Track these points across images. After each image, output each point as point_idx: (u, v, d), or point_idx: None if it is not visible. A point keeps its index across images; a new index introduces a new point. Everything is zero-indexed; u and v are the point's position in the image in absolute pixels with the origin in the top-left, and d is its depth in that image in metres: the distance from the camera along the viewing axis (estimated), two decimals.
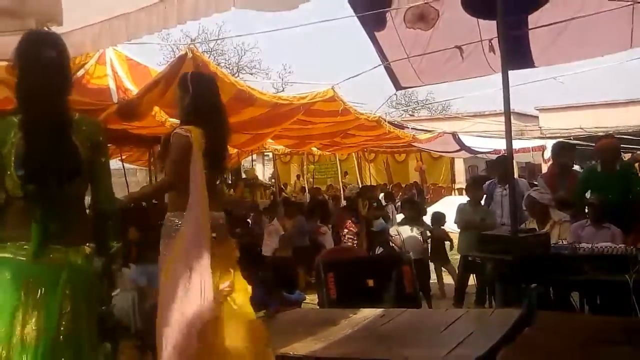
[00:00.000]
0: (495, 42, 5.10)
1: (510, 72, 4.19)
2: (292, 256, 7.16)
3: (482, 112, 20.50)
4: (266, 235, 7.92)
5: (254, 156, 17.07)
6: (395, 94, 8.58)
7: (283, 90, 20.95)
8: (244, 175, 20.20)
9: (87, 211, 2.37)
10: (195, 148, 2.77)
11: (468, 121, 18.06)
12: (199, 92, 2.97)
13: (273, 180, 17.85)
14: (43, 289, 2.08)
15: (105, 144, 2.41)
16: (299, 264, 6.89)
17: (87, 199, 2.39)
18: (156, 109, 6.12)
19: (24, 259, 2.09)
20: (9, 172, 2.13)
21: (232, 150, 10.44)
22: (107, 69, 5.60)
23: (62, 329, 2.08)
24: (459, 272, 6.10)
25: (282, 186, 17.60)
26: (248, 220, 9.89)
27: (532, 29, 5.29)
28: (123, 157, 11.79)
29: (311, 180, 17.79)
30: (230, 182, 19.16)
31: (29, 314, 2.05)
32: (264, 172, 21.94)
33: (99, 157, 2.31)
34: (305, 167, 17.59)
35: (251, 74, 27.41)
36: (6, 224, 2.16)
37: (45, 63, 2.20)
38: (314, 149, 12.86)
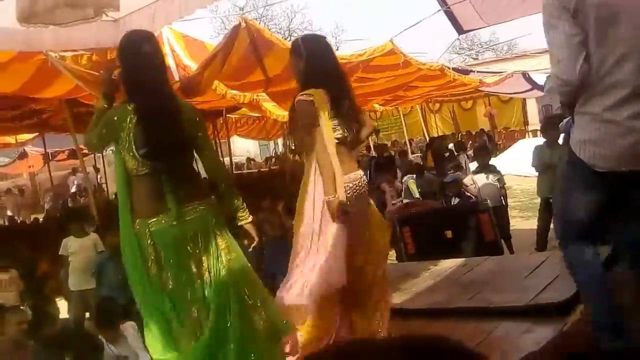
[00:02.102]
0: None
1: None
2: None
3: None
4: None
5: None
6: (457, 39, 8.34)
7: (338, 50, 20.72)
8: None
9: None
10: (320, 110, 2.74)
11: (537, 58, 17.27)
12: (312, 54, 2.90)
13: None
14: (201, 237, 2.55)
15: (202, 122, 2.74)
16: None
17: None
18: (216, 82, 6.29)
19: (172, 223, 2.51)
20: (131, 153, 2.51)
21: None
22: (166, 48, 5.79)
23: (225, 261, 2.55)
24: (541, 215, 5.99)
25: None
26: None
27: None
28: None
29: (375, 137, 17.72)
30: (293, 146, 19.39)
31: (198, 260, 2.54)
32: None
33: (197, 133, 2.65)
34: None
35: None
36: (140, 202, 2.56)
37: (147, 57, 2.57)
38: (376, 105, 12.77)
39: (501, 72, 14.10)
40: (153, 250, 2.53)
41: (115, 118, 2.56)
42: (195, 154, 2.67)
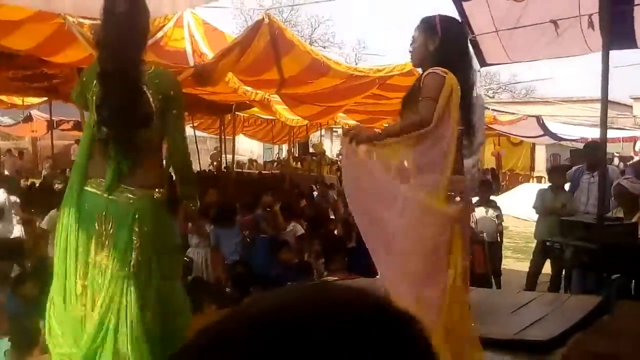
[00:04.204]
0: (595, 18, 4.85)
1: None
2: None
3: (570, 98, 19.57)
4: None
5: (323, 131, 17.17)
6: (478, 71, 8.30)
7: (357, 64, 20.80)
8: (311, 150, 20.43)
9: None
10: (454, 94, 2.43)
11: (554, 106, 17.33)
12: (449, 37, 2.60)
13: (340, 157, 17.90)
14: (114, 222, 2.38)
15: (177, 98, 2.53)
16: None
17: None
18: (230, 75, 6.27)
19: (100, 193, 2.40)
20: (92, 117, 2.43)
21: (302, 122, 10.57)
22: (185, 32, 5.79)
23: (131, 261, 2.36)
24: (534, 257, 5.99)
25: None
26: (314, 193, 10.03)
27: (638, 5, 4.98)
28: (195, 124, 12.17)
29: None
30: (297, 155, 19.46)
31: (101, 242, 2.38)
32: (331, 148, 22.05)
33: (170, 110, 2.47)
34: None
35: (324, 47, 27.48)
36: (92, 162, 2.47)
37: (118, 17, 2.38)
38: (386, 125, 12.77)
39: (516, 114, 14.13)
40: (76, 212, 2.42)
41: (84, 78, 2.51)
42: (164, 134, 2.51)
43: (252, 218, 6.70)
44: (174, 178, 2.75)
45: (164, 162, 2.64)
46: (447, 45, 2.56)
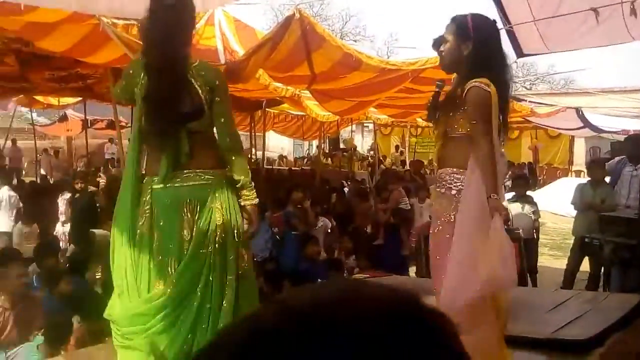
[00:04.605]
0: (638, 5, 4.73)
1: None
2: None
3: (611, 89, 19.06)
4: None
5: (354, 126, 17.16)
6: (515, 62, 8.14)
7: (389, 57, 20.69)
8: (342, 145, 20.42)
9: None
10: (494, 107, 2.47)
11: (594, 97, 16.91)
12: (482, 38, 2.55)
13: (371, 152, 17.87)
14: (198, 205, 2.49)
15: (223, 86, 2.60)
16: None
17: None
18: (260, 71, 6.33)
19: (169, 185, 2.49)
20: (140, 112, 2.53)
21: (333, 118, 10.59)
22: (216, 30, 5.88)
23: (217, 236, 2.48)
24: (572, 254, 5.89)
25: (382, 158, 17.59)
26: (344, 189, 10.04)
27: None
28: None
29: (412, 153, 17.62)
30: (327, 151, 19.49)
31: (186, 227, 2.49)
32: (362, 143, 22.02)
33: (215, 98, 2.53)
34: (406, 139, 17.42)
35: (355, 41, 27.42)
36: (147, 159, 2.59)
37: (165, 10, 2.43)
38: (419, 119, 12.69)
39: (554, 105, 13.84)
40: (149, 207, 2.52)
41: (131, 71, 2.58)
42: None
43: (282, 214, 6.76)
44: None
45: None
46: (481, 49, 2.53)
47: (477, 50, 2.53)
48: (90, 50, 5.63)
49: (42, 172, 14.83)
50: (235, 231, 2.54)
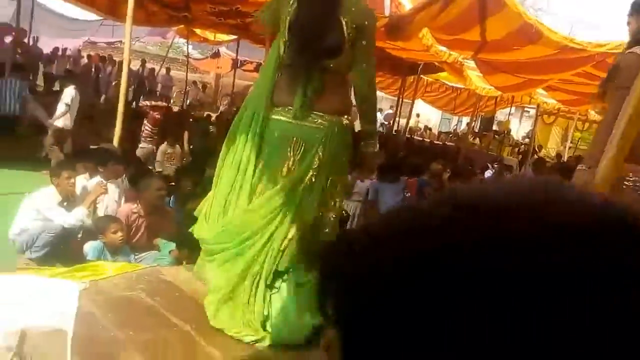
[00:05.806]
0: None
1: None
2: None
3: None
4: None
5: (512, 109, 16.12)
6: None
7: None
8: (495, 127, 19.38)
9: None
10: None
11: None
12: None
13: (527, 140, 16.76)
14: (304, 146, 2.53)
15: (371, 28, 2.51)
16: None
17: None
18: (425, 30, 5.98)
19: (290, 120, 2.52)
20: (283, 40, 2.47)
21: (493, 93, 9.94)
22: None
23: (307, 179, 2.53)
24: None
25: (537, 147, 16.41)
26: (487, 172, 9.51)
27: None
28: None
29: (573, 149, 16.24)
30: (477, 130, 18.62)
31: (288, 165, 2.55)
32: (518, 130, 20.72)
33: (361, 40, 2.45)
34: (570, 132, 16.05)
35: (535, 15, 25.62)
36: (280, 89, 2.57)
37: None
38: (592, 112, 11.56)
39: None
40: (260, 136, 2.58)
41: None
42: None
43: (417, 181, 6.58)
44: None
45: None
46: None
47: None
48: None
49: (188, 102, 15.73)
50: (329, 182, 2.56)
